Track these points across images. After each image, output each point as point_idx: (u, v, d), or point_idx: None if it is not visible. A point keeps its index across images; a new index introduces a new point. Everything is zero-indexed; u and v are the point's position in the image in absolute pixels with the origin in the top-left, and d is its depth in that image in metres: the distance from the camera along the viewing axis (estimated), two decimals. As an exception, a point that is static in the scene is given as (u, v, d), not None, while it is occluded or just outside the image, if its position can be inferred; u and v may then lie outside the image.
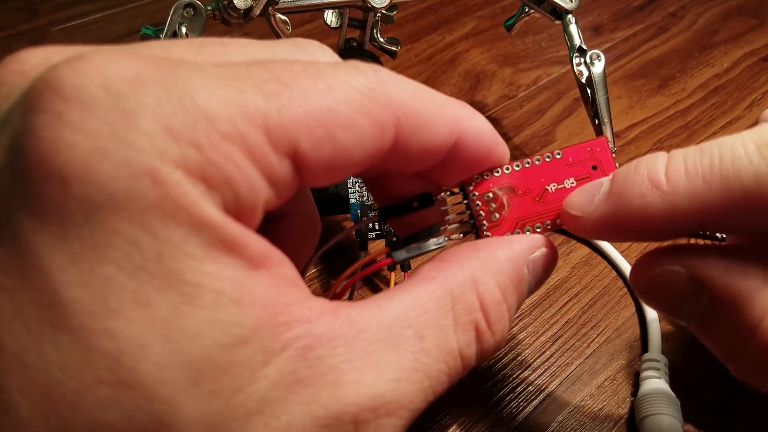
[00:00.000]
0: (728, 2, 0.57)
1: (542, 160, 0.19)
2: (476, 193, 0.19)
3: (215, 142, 0.12)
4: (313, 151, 0.14)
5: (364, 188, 0.32)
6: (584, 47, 0.35)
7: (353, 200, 0.31)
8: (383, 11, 0.33)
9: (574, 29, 0.35)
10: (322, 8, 0.32)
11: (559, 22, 0.36)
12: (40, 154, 0.11)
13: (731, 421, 0.26)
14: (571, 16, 0.36)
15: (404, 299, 0.15)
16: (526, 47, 0.52)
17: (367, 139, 0.14)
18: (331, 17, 0.34)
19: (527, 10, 0.38)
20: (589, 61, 0.34)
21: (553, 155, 0.19)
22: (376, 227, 0.32)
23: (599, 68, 0.34)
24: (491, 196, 0.19)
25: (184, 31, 0.29)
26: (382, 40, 0.35)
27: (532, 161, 0.19)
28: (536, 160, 0.19)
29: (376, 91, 0.14)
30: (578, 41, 0.35)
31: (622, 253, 0.33)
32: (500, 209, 0.19)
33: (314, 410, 0.13)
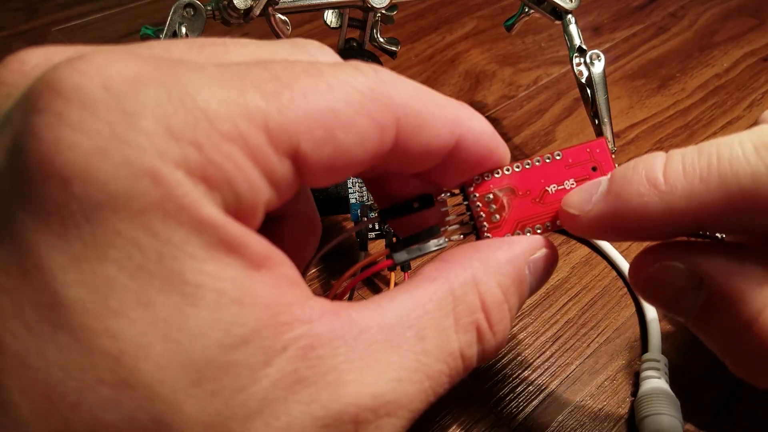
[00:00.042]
0: (728, 2, 0.57)
1: (542, 161, 0.19)
2: (477, 194, 0.19)
3: (216, 142, 0.12)
4: (313, 151, 0.14)
5: (364, 188, 0.32)
6: (584, 47, 0.35)
7: (353, 200, 0.31)
8: (383, 11, 0.33)
9: (574, 29, 0.35)
10: (322, 8, 0.32)
11: (559, 22, 0.36)
12: (40, 154, 0.11)
13: (731, 420, 0.26)
14: (571, 16, 0.36)
15: (405, 300, 0.15)
16: (526, 47, 0.52)
17: (367, 139, 0.14)
18: (331, 17, 0.34)
19: (527, 10, 0.38)
20: (589, 61, 0.34)
21: (552, 156, 0.19)
22: (376, 227, 0.32)
23: (599, 68, 0.34)
24: (492, 197, 0.19)
25: (184, 31, 0.29)
26: (382, 40, 0.35)
27: (532, 162, 0.19)
28: (536, 161, 0.19)
29: (376, 91, 0.14)
30: (578, 41, 0.35)
31: (622, 253, 0.33)
32: (501, 210, 0.19)
33: (314, 410, 0.13)
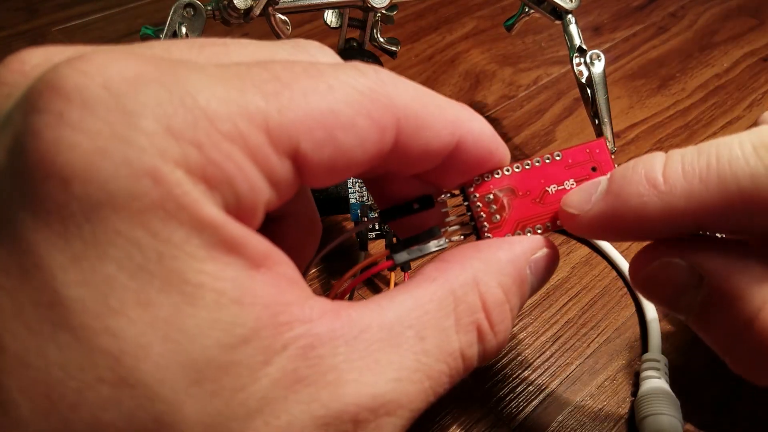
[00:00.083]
0: (728, 2, 0.57)
1: (542, 161, 0.19)
2: (477, 194, 0.19)
3: (216, 141, 0.12)
4: (313, 151, 0.14)
5: (364, 188, 0.32)
6: (584, 47, 0.35)
7: (353, 200, 0.31)
8: (383, 11, 0.33)
9: (574, 29, 0.35)
10: (322, 8, 0.32)
11: (559, 22, 0.36)
12: (41, 153, 0.11)
13: (731, 420, 0.26)
14: (571, 16, 0.36)
15: (406, 300, 0.15)
16: (526, 47, 0.52)
17: (367, 140, 0.14)
18: (331, 17, 0.34)
19: (527, 10, 0.38)
20: (589, 61, 0.34)
21: (552, 157, 0.19)
22: (376, 227, 0.32)
23: (599, 68, 0.34)
24: (492, 197, 0.19)
25: (184, 31, 0.29)
26: (382, 40, 0.35)
27: (532, 163, 0.19)
28: (536, 161, 0.19)
29: (376, 92, 0.14)
30: (578, 41, 0.35)
31: (622, 253, 0.33)
32: (501, 210, 0.19)
33: (314, 409, 0.13)
